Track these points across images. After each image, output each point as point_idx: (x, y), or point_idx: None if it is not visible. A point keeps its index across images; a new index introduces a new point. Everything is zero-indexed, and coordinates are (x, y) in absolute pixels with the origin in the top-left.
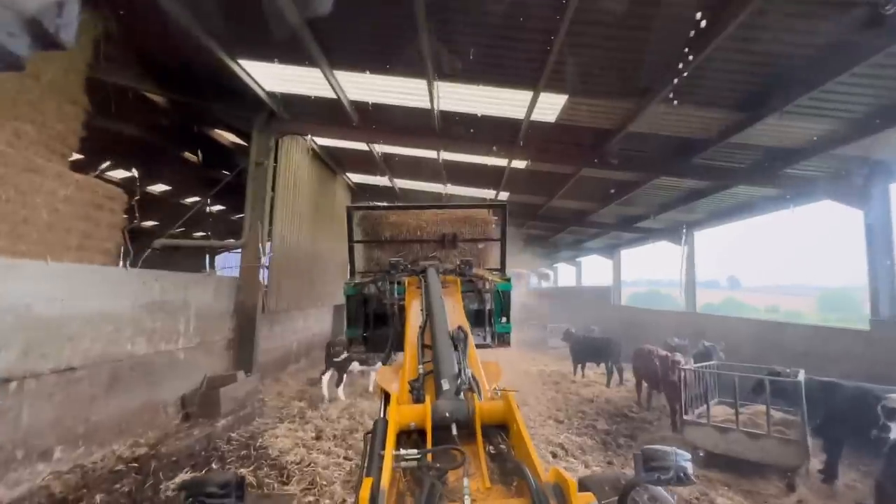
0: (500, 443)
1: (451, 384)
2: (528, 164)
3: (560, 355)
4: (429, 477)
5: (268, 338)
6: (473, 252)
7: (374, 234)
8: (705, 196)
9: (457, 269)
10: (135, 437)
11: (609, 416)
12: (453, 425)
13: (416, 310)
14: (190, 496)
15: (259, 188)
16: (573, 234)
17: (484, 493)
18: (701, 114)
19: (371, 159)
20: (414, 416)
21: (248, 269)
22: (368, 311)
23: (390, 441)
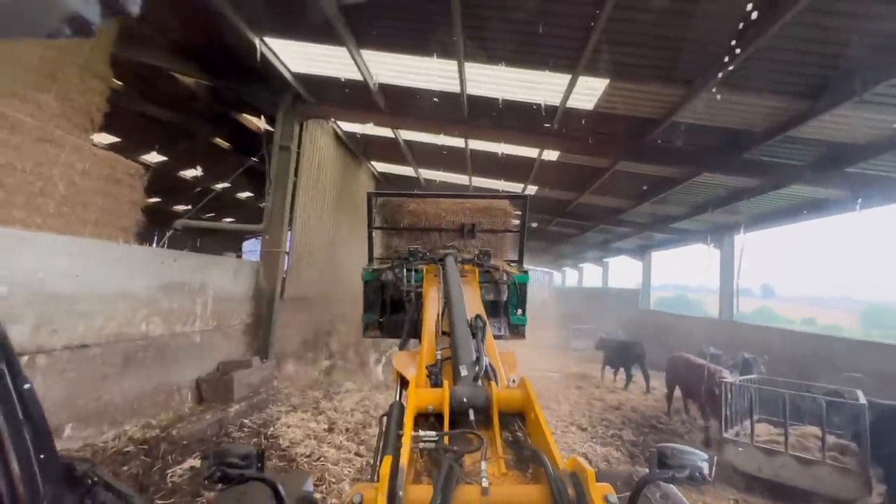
0: (517, 430)
1: (469, 371)
2: (560, 155)
3: (583, 357)
4: (447, 458)
5: (286, 324)
6: (492, 243)
7: (394, 220)
8: (752, 196)
9: (475, 258)
10: (147, 419)
11: (636, 425)
12: (471, 411)
13: (434, 297)
14: (213, 464)
15: (282, 172)
16: (602, 233)
17: (500, 479)
18: (757, 102)
19: (396, 147)
20: (432, 400)
21: (269, 253)
22: (385, 297)
23: (409, 422)
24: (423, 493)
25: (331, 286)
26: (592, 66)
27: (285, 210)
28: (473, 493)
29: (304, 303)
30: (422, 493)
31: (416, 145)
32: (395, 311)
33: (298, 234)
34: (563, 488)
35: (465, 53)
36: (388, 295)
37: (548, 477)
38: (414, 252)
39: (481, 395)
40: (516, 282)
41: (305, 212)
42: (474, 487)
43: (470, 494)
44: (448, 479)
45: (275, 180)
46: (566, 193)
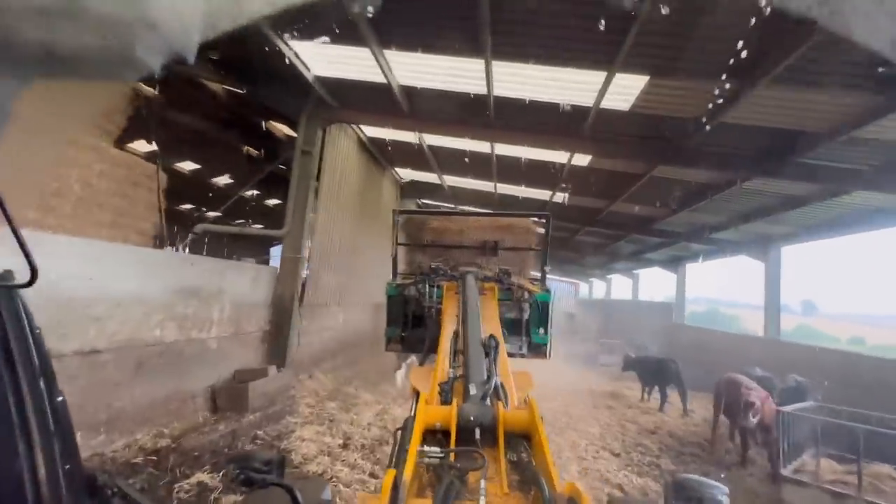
0: (522, 451)
1: (478, 389)
2: (592, 160)
3: (613, 374)
4: (448, 475)
5: (305, 332)
6: (514, 261)
7: (418, 237)
8: (805, 204)
9: (495, 277)
10: (159, 427)
11: (675, 453)
12: (477, 429)
13: (452, 315)
14: (237, 468)
15: (303, 177)
16: (633, 243)
17: (502, 498)
18: (820, 99)
19: (420, 153)
20: (440, 417)
21: (288, 259)
22: (408, 312)
23: (416, 437)
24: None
25: (351, 294)
26: (630, 61)
27: (306, 216)
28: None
29: (323, 310)
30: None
31: (439, 150)
32: (417, 326)
33: (319, 240)
34: None
35: (492, 51)
36: (411, 310)
37: (543, 500)
38: (435, 269)
39: (488, 414)
40: (538, 300)
41: (326, 218)
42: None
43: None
44: (447, 495)
45: (296, 185)
46: (596, 201)
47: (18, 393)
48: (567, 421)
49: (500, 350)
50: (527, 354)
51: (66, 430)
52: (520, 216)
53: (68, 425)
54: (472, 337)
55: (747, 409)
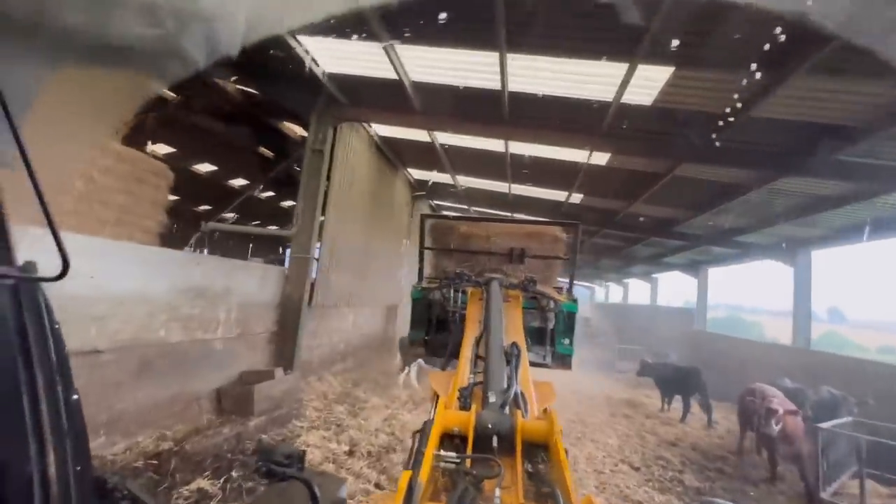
0: (539, 462)
1: (497, 397)
2: (611, 159)
3: (630, 381)
4: (464, 481)
5: (314, 334)
6: (541, 269)
7: (444, 242)
8: (839, 206)
9: (520, 284)
10: (162, 430)
11: (699, 467)
12: (494, 437)
13: (475, 321)
14: (260, 460)
15: (313, 177)
16: (652, 246)
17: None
18: (861, 89)
19: (433, 152)
20: (458, 422)
21: (298, 260)
22: (432, 317)
23: (433, 441)
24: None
25: (362, 295)
26: (654, 52)
27: (315, 215)
28: None
29: (333, 311)
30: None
31: (452, 150)
32: (441, 331)
33: (329, 240)
34: None
35: (507, 43)
36: (435, 314)
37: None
38: (460, 274)
39: (506, 422)
40: (564, 310)
41: (337, 217)
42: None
43: None
44: (461, 501)
45: (306, 185)
46: (614, 202)
47: (34, 390)
48: (583, 430)
49: (522, 358)
50: (551, 365)
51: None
52: (548, 223)
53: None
54: (494, 344)
55: (769, 417)
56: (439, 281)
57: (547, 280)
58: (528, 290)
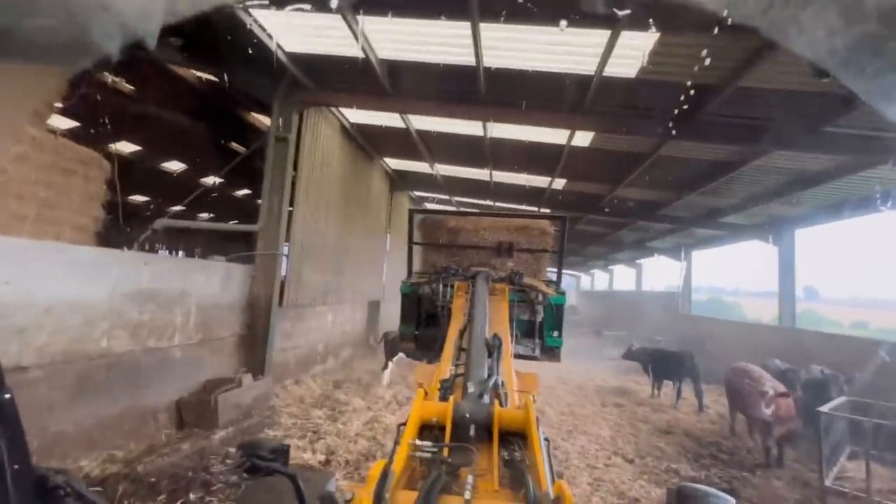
0: (515, 450)
1: (476, 388)
2: (594, 139)
3: (618, 368)
4: (437, 469)
5: (288, 335)
6: (529, 262)
7: (433, 237)
8: (823, 182)
9: (507, 277)
10: (110, 451)
11: (694, 455)
12: (472, 426)
13: (460, 314)
14: (244, 455)
15: (279, 167)
16: (636, 231)
17: (491, 494)
18: None
19: (409, 140)
20: (436, 413)
21: (265, 257)
22: (421, 311)
23: (408, 431)
24: (410, 498)
25: (341, 292)
26: (638, 18)
27: (283, 208)
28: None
29: (309, 311)
30: (408, 498)
31: (429, 136)
32: (430, 325)
33: (299, 235)
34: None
35: (479, 11)
36: (424, 309)
37: (527, 499)
38: (447, 268)
39: (483, 411)
40: (552, 303)
41: (307, 210)
42: (458, 499)
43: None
44: (432, 488)
45: (271, 175)
46: (598, 186)
47: None
48: (574, 423)
49: (504, 349)
50: (540, 357)
51: (14, 429)
52: (536, 217)
53: (16, 423)
54: (476, 336)
55: (761, 400)
56: (428, 276)
57: (536, 273)
58: (515, 283)
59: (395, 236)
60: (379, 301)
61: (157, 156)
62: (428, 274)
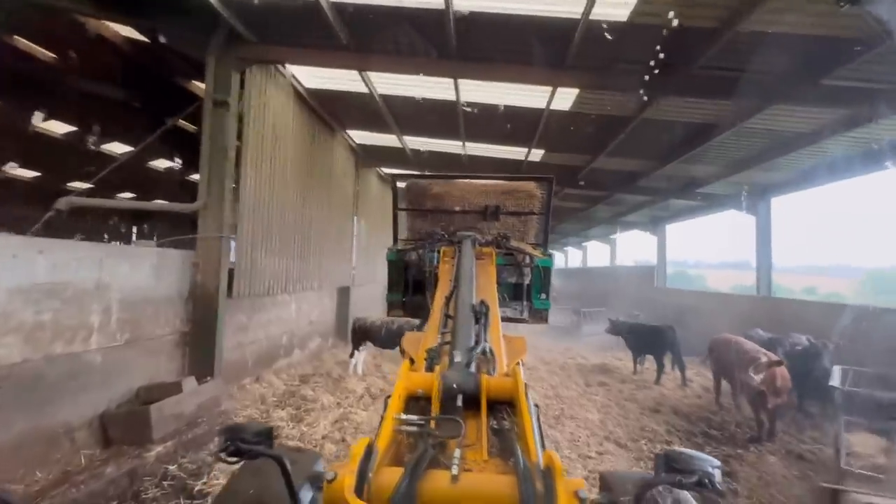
0: (504, 418)
1: (463, 356)
2: (575, 102)
3: (599, 344)
4: (424, 442)
5: (244, 328)
6: (516, 226)
7: (418, 203)
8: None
9: (494, 241)
10: (4, 484)
11: (685, 433)
12: (459, 396)
13: (446, 280)
14: (228, 440)
15: (218, 134)
16: (612, 205)
17: (480, 465)
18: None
19: (373, 107)
20: (422, 384)
21: (208, 241)
22: (408, 278)
23: (393, 404)
24: (395, 475)
25: (305, 279)
26: None
27: (225, 185)
28: (443, 479)
29: (266, 301)
30: (394, 474)
31: (395, 103)
32: (417, 292)
33: (249, 215)
34: (530, 481)
35: None
36: (411, 275)
37: (516, 469)
38: (432, 234)
39: (471, 381)
40: (539, 265)
41: (258, 188)
42: (445, 473)
43: (439, 480)
44: (418, 463)
45: (209, 146)
46: (577, 157)
47: None
48: (561, 407)
49: (492, 315)
50: (528, 319)
51: None
52: (522, 179)
53: None
54: (463, 302)
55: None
56: (414, 242)
57: (523, 237)
58: (502, 246)
59: (365, 217)
60: (349, 287)
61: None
62: (414, 240)
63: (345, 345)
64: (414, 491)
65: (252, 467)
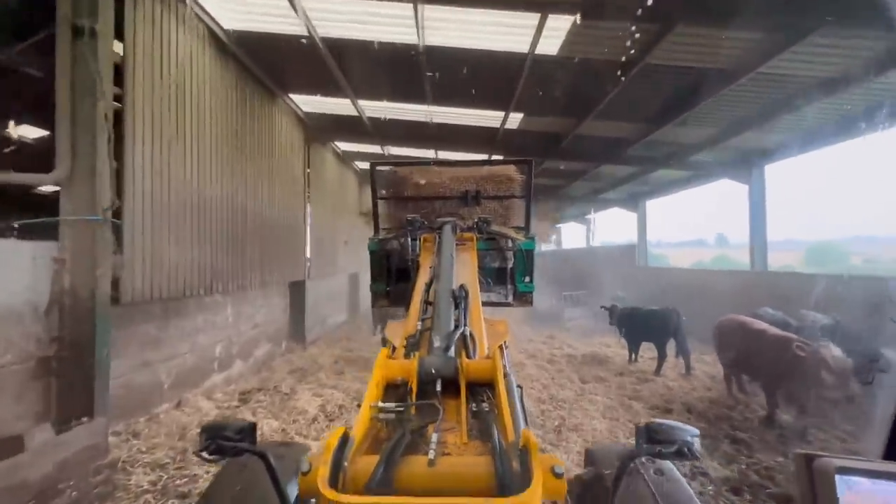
0: (484, 400)
1: (442, 341)
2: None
3: (583, 330)
4: (401, 429)
5: (155, 342)
6: (498, 211)
7: (397, 191)
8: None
9: (474, 225)
10: None
11: (711, 441)
12: (438, 381)
13: (427, 267)
14: (209, 438)
15: (84, 78)
16: (591, 181)
17: (460, 448)
18: None
19: (316, 58)
20: (401, 371)
21: (78, 227)
22: (391, 267)
23: (371, 392)
24: (372, 463)
25: (240, 275)
26: None
27: (98, 147)
28: (420, 464)
29: (185, 304)
30: (370, 463)
31: (344, 50)
32: (401, 280)
33: (143, 190)
34: (506, 460)
35: None
36: (394, 264)
37: (492, 449)
38: (412, 221)
39: (450, 365)
40: (522, 248)
41: (158, 155)
42: (422, 458)
43: (416, 465)
44: (394, 449)
45: (68, 91)
46: (561, 122)
47: None
48: (560, 415)
49: (473, 299)
50: (513, 303)
51: None
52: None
53: None
54: (443, 288)
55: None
56: (396, 230)
57: (506, 221)
58: (483, 230)
59: (320, 202)
60: (303, 282)
61: None
62: (395, 229)
63: (302, 349)
64: (390, 477)
65: (237, 464)
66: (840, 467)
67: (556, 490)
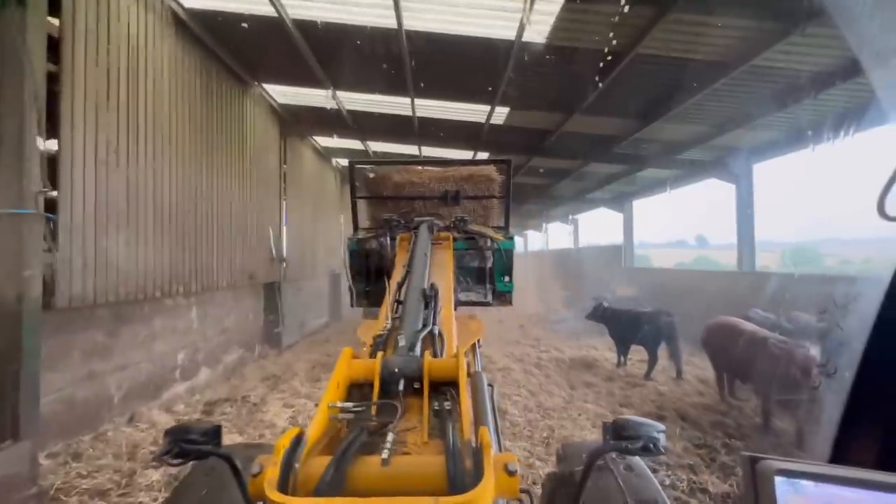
0: (446, 400)
1: (408, 340)
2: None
3: (569, 332)
4: (357, 428)
5: (104, 351)
6: (479, 211)
7: (378, 191)
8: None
9: (451, 225)
10: None
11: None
12: (401, 381)
13: (401, 266)
14: (172, 441)
15: (11, 54)
16: (578, 180)
17: (420, 448)
18: None
19: (288, 44)
20: (363, 370)
21: (2, 220)
22: (371, 266)
23: (329, 392)
24: (324, 464)
25: (207, 275)
26: None
27: (27, 128)
28: (373, 464)
29: (140, 308)
30: (321, 464)
31: (318, 36)
32: (380, 280)
33: (85, 179)
34: (459, 459)
35: None
36: (374, 264)
37: (445, 447)
38: (389, 220)
39: (413, 364)
40: (502, 248)
41: (104, 141)
42: (376, 458)
43: (369, 465)
44: (347, 450)
45: None
46: (549, 117)
47: None
48: (549, 425)
49: (444, 298)
50: (493, 303)
51: None
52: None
53: None
54: (413, 287)
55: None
56: (375, 230)
57: (486, 221)
58: (460, 230)
59: (298, 199)
60: (277, 282)
61: None
62: (374, 228)
63: (277, 354)
64: (341, 478)
65: (204, 468)
66: (780, 469)
67: (510, 487)
